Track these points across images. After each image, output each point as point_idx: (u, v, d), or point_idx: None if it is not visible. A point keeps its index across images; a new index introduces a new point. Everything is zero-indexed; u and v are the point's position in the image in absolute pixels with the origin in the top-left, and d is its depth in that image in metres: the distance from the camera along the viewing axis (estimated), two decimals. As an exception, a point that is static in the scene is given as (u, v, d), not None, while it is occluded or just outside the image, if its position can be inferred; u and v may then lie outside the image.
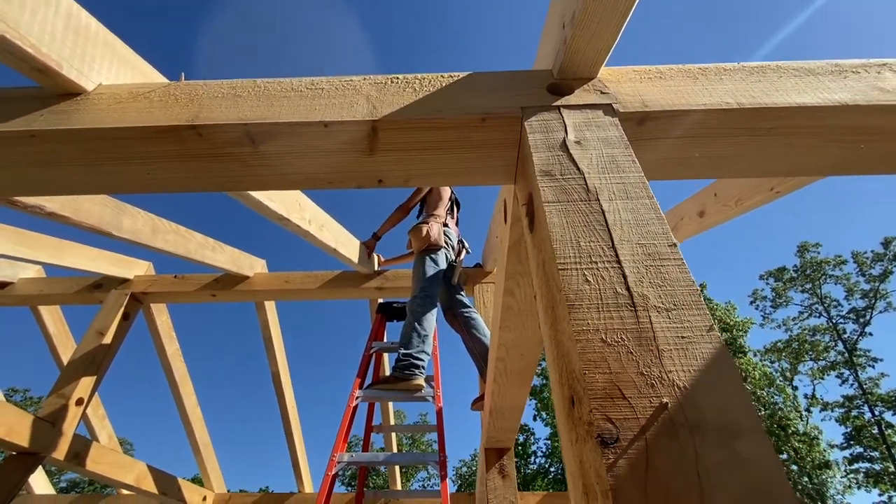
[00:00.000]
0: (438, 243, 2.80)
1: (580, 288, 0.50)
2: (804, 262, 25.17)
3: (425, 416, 28.10)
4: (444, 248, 2.84)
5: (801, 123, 0.76)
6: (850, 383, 22.69)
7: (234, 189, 0.89)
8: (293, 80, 0.85)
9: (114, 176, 0.85)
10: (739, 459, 0.38)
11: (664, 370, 0.44)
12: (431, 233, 2.80)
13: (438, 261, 2.76)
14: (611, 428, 0.41)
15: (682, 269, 0.52)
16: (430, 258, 2.74)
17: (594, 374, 0.44)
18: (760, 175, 0.84)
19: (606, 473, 0.38)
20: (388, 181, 0.87)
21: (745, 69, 0.82)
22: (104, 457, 2.89)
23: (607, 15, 0.68)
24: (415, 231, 2.87)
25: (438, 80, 0.83)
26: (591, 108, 0.75)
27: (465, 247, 3.07)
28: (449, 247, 2.92)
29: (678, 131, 0.77)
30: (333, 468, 1.82)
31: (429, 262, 2.72)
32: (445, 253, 2.86)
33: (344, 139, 0.78)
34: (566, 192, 0.61)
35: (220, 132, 0.77)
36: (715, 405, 0.41)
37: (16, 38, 0.69)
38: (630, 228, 0.56)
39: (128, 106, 0.81)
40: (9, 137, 0.77)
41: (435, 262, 2.74)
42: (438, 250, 2.80)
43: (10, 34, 0.69)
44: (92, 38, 0.84)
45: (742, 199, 1.63)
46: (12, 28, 0.69)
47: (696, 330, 0.47)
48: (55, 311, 3.55)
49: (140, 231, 2.10)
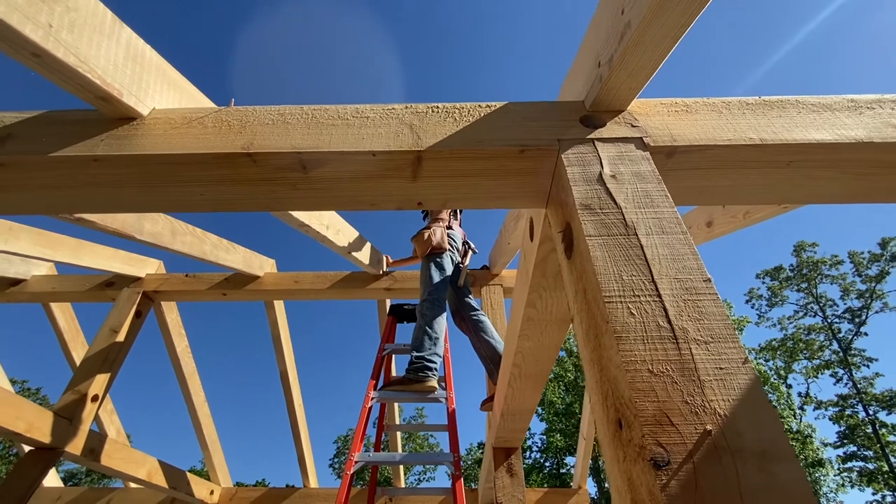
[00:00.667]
0: (442, 247, 2.84)
1: (626, 321, 0.56)
2: (801, 262, 25.35)
3: (422, 412, 28.29)
4: (448, 251, 2.89)
5: (820, 158, 0.81)
6: (845, 382, 22.94)
7: (278, 210, 0.94)
8: (338, 107, 0.90)
9: (167, 197, 0.89)
10: (777, 483, 0.43)
11: (706, 399, 0.49)
12: (434, 237, 2.84)
13: (444, 264, 2.80)
14: (662, 452, 0.46)
15: (717, 304, 0.57)
16: (436, 262, 2.79)
17: (644, 402, 0.49)
18: (778, 202, 0.89)
19: (661, 493, 0.43)
20: (427, 204, 0.92)
21: (766, 104, 0.87)
22: (118, 452, 2.94)
23: (644, 61, 0.73)
24: (417, 237, 2.92)
25: (476, 109, 0.88)
26: (623, 141, 0.80)
27: (471, 247, 3.11)
28: (454, 249, 2.97)
29: (703, 163, 0.82)
30: (352, 467, 1.88)
31: (434, 266, 2.77)
32: (451, 255, 2.91)
33: (389, 167, 0.83)
34: (606, 226, 0.66)
35: (274, 159, 0.82)
36: (753, 432, 0.47)
37: (86, 70, 0.74)
38: (668, 263, 0.61)
39: (184, 132, 0.85)
40: (74, 161, 0.82)
41: (440, 265, 2.79)
42: (443, 254, 2.85)
43: (82, 68, 0.73)
44: (146, 65, 0.88)
45: (751, 212, 1.69)
46: (83, 62, 0.74)
47: (732, 362, 0.52)
48: (66, 308, 3.59)
49: (160, 234, 2.14)
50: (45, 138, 0.85)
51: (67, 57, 0.72)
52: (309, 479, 4.29)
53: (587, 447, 4.18)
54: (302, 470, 4.27)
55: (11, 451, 23.81)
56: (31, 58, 0.71)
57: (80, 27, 0.74)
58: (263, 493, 4.21)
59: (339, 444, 32.78)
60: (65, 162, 0.83)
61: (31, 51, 0.69)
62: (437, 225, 2.97)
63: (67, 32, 0.71)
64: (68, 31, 0.72)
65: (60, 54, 0.71)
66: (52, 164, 0.83)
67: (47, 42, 0.68)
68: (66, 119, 0.88)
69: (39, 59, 0.71)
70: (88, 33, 0.76)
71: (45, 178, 0.86)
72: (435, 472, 30.44)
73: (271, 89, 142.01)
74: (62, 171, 0.84)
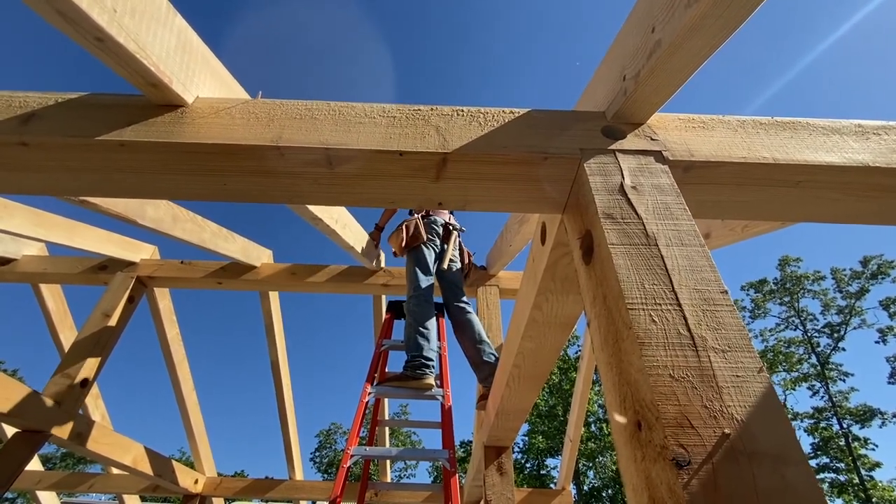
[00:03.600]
0: (417, 240, 2.80)
1: (648, 327, 0.58)
2: (785, 276, 25.85)
3: (406, 408, 28.30)
4: (426, 242, 2.83)
5: (828, 179, 0.85)
6: (821, 395, 23.46)
7: (300, 203, 0.95)
8: (364, 105, 0.91)
9: (192, 185, 0.90)
10: (789, 485, 0.46)
11: (724, 404, 0.52)
12: (408, 232, 2.80)
13: (425, 256, 2.77)
14: (683, 452, 0.49)
15: (734, 315, 0.60)
16: (415, 256, 2.77)
17: (665, 405, 0.52)
18: (785, 220, 0.93)
19: (682, 491, 0.46)
20: (447, 204, 0.94)
21: (778, 124, 0.91)
22: (105, 437, 2.92)
23: (671, 77, 0.75)
24: (391, 238, 2.87)
25: (501, 115, 0.90)
26: (643, 153, 0.83)
27: (457, 227, 3.03)
28: (434, 234, 2.91)
29: (718, 179, 0.85)
30: (348, 461, 1.89)
31: (416, 260, 2.74)
32: (432, 245, 2.86)
33: (415, 167, 0.85)
34: (628, 235, 0.69)
35: (302, 154, 0.83)
36: (768, 436, 0.50)
37: (143, 57, 0.75)
38: (687, 274, 0.64)
39: (211, 122, 0.86)
40: (100, 145, 0.82)
41: (420, 258, 2.75)
42: (419, 246, 2.80)
43: (140, 54, 0.74)
44: (194, 53, 0.89)
45: (749, 226, 1.74)
46: (141, 48, 0.74)
47: (748, 370, 0.55)
48: (56, 289, 3.54)
49: (162, 220, 2.13)
50: (71, 120, 0.85)
51: (128, 43, 0.72)
52: (295, 471, 4.29)
53: (573, 449, 4.23)
54: (288, 462, 4.27)
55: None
56: (94, 42, 0.71)
57: (140, 13, 0.75)
58: (249, 483, 4.20)
59: (321, 439, 32.66)
60: (91, 145, 0.83)
61: (95, 35, 0.70)
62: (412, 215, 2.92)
63: (129, 18, 0.72)
64: (130, 17, 0.72)
65: (122, 39, 0.71)
66: (78, 147, 0.83)
67: (112, 27, 0.69)
68: (93, 102, 0.89)
69: (102, 43, 0.71)
70: (147, 20, 0.77)
71: (70, 160, 0.86)
72: (416, 469, 30.50)
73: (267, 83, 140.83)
74: (88, 154, 0.84)
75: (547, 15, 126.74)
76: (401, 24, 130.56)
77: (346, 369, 64.10)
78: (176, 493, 3.98)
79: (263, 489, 4.25)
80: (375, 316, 3.62)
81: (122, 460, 3.08)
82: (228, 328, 67.30)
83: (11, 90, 0.91)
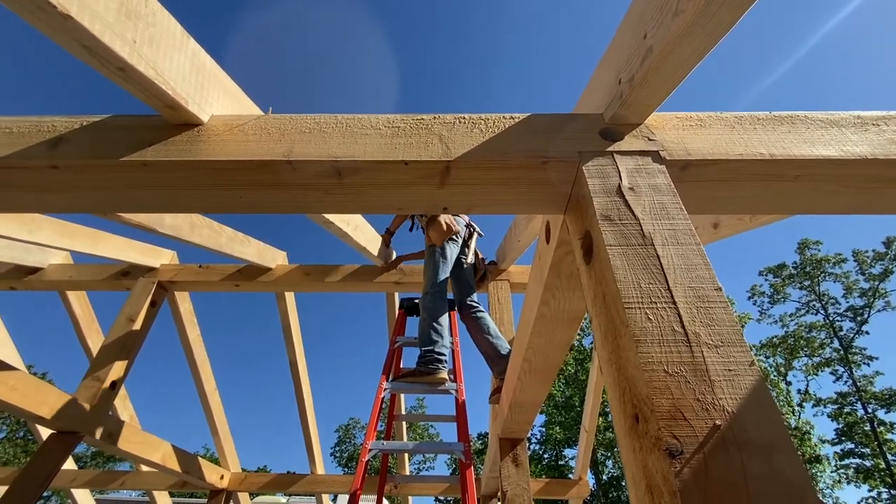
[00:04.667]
0: (458, 232, 2.88)
1: (644, 325, 0.61)
2: (804, 259, 25.32)
3: (422, 402, 28.56)
4: (455, 239, 2.92)
5: (826, 172, 0.86)
6: (845, 380, 23.02)
7: (310, 212, 1.00)
8: (370, 116, 0.95)
9: (210, 199, 0.95)
10: (777, 472, 0.50)
11: (716, 397, 0.55)
12: (453, 225, 2.88)
13: (447, 254, 2.83)
14: (676, 443, 0.52)
15: (727, 311, 0.63)
16: (440, 252, 2.82)
17: (660, 399, 0.55)
18: (784, 213, 0.94)
19: (675, 478, 0.50)
20: (451, 209, 0.97)
21: (776, 119, 0.92)
22: (134, 436, 3.04)
23: (664, 82, 0.78)
24: (435, 226, 2.88)
25: (501, 121, 0.93)
26: (640, 154, 0.85)
27: (476, 230, 3.14)
28: (459, 236, 2.99)
29: (715, 176, 0.87)
30: (367, 455, 1.96)
31: (438, 256, 2.80)
32: (453, 245, 2.92)
33: (420, 175, 0.89)
34: (625, 236, 0.72)
35: (312, 167, 0.87)
36: (757, 427, 0.53)
37: (160, 81, 0.80)
38: (682, 272, 0.67)
39: (226, 139, 0.91)
40: (126, 165, 0.88)
41: (444, 255, 2.81)
42: (449, 242, 2.87)
43: (158, 80, 0.79)
44: (207, 74, 0.94)
45: (757, 215, 1.74)
46: (159, 74, 0.79)
47: (740, 364, 0.58)
48: (82, 296, 3.67)
49: (180, 227, 2.20)
50: (96, 143, 0.90)
51: (148, 71, 0.77)
52: (316, 465, 4.40)
53: (588, 439, 4.26)
54: (309, 457, 4.37)
55: (18, 434, 24.16)
56: (116, 72, 0.77)
57: (158, 41, 0.80)
58: (272, 478, 4.32)
59: (340, 434, 33.17)
60: (116, 166, 0.88)
61: (117, 65, 0.75)
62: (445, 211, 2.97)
63: (148, 47, 0.77)
64: (148, 46, 0.77)
65: (142, 68, 0.76)
66: (104, 168, 0.89)
67: (132, 57, 0.74)
68: (115, 124, 0.94)
69: (124, 72, 0.77)
70: (164, 47, 0.82)
71: (96, 181, 0.91)
72: (434, 462, 30.82)
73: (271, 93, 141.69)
74: (113, 174, 0.90)
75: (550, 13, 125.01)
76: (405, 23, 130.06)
77: (362, 366, 64.88)
78: (203, 488, 4.12)
79: (286, 483, 4.36)
80: (389, 313, 3.68)
81: (152, 458, 3.20)
82: (249, 329, 68.59)
83: (39, 115, 0.96)
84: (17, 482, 2.28)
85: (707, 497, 0.48)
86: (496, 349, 2.46)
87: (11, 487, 2.24)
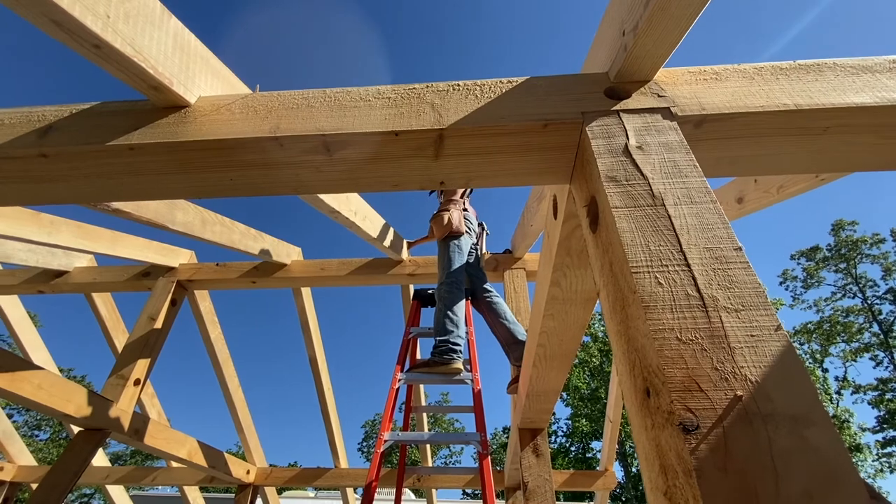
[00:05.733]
0: (460, 230, 2.85)
1: (653, 290, 0.55)
2: (839, 241, 24.27)
3: (447, 396, 28.68)
4: (465, 233, 2.90)
5: (859, 122, 0.77)
6: (885, 365, 22.03)
7: (305, 192, 0.96)
8: (360, 89, 0.91)
9: (202, 183, 0.93)
10: (809, 446, 0.43)
11: (736, 366, 0.49)
12: (453, 220, 2.85)
13: (462, 246, 2.81)
14: (691, 417, 0.46)
15: (749, 272, 0.56)
16: (454, 244, 2.80)
17: (672, 369, 0.49)
18: (816, 172, 0.86)
19: (690, 456, 0.44)
20: (449, 183, 0.92)
21: (801, 67, 0.84)
22: (160, 433, 3.10)
23: (671, 25, 0.71)
24: (436, 219, 2.91)
25: (498, 85, 0.87)
26: (649, 112, 0.78)
27: (485, 228, 3.15)
28: (471, 231, 2.98)
29: (734, 132, 0.80)
30: (382, 446, 1.94)
31: (453, 249, 2.78)
32: (468, 238, 2.92)
33: (412, 146, 0.84)
34: (632, 197, 0.66)
35: (299, 142, 0.84)
36: (785, 397, 0.46)
37: (141, 60, 0.77)
38: (696, 233, 0.60)
39: (212, 119, 0.88)
40: (111, 150, 0.85)
41: (459, 247, 2.80)
42: (461, 236, 2.85)
43: (137, 58, 0.77)
44: (192, 54, 0.91)
45: (785, 186, 1.63)
46: (138, 52, 0.77)
47: (764, 329, 0.51)
48: (107, 297, 3.77)
49: (191, 223, 2.22)
50: (84, 130, 0.89)
51: (125, 48, 0.75)
52: (340, 460, 4.43)
53: (613, 430, 4.17)
54: (332, 451, 4.41)
55: (61, 435, 25.32)
56: (92, 49, 0.74)
57: (135, 17, 0.78)
58: (297, 472, 4.37)
59: (367, 429, 33.60)
60: (103, 151, 0.86)
61: (92, 42, 0.73)
62: (454, 206, 2.97)
63: (123, 23, 0.75)
64: (124, 22, 0.75)
65: (118, 45, 0.74)
66: (92, 154, 0.87)
67: (106, 33, 0.71)
68: (104, 110, 0.92)
69: (99, 50, 0.74)
70: (142, 24, 0.79)
71: (86, 167, 0.90)
72: (461, 457, 30.94)
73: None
74: (101, 160, 0.88)
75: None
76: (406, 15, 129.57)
77: (387, 360, 65.49)
78: (230, 483, 4.20)
79: (311, 477, 4.41)
80: (405, 305, 3.65)
81: (178, 454, 3.27)
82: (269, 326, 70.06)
83: (31, 105, 0.95)
84: (48, 477, 2.35)
85: (727, 477, 0.42)
86: (513, 334, 2.42)
87: (43, 482, 2.31)
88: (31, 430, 25.15)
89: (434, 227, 2.91)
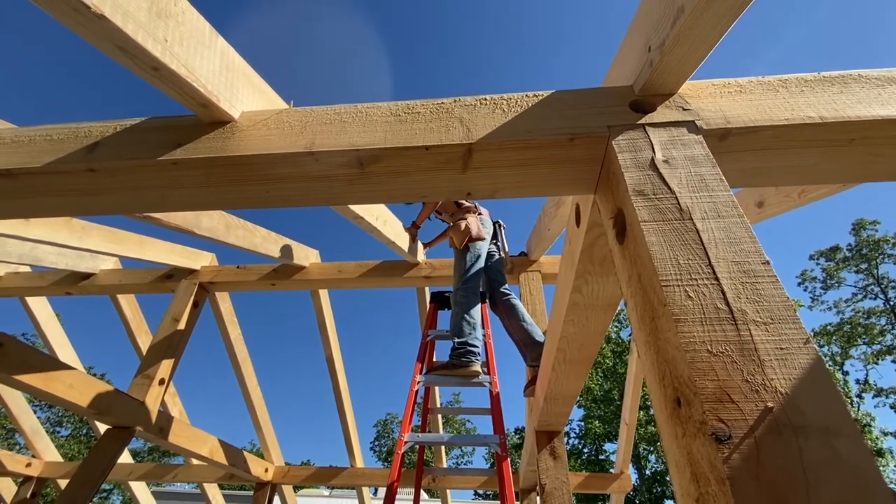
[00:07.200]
0: (481, 235, 2.88)
1: (684, 303, 0.57)
2: (860, 241, 23.70)
3: (458, 396, 28.67)
4: (483, 239, 2.92)
5: (884, 134, 0.78)
6: (909, 369, 21.44)
7: (336, 204, 1.00)
8: (389, 104, 0.94)
9: (237, 195, 0.97)
10: (840, 458, 0.45)
11: (766, 378, 0.51)
12: (471, 228, 2.88)
13: (479, 253, 2.84)
14: (723, 427, 0.48)
15: (777, 286, 0.58)
16: (472, 251, 2.83)
17: (704, 380, 0.51)
18: (840, 182, 0.87)
19: (723, 465, 0.46)
20: (476, 194, 0.95)
21: (825, 80, 0.85)
22: (183, 431, 3.18)
23: (698, 43, 0.72)
24: (454, 228, 2.95)
25: (524, 99, 0.90)
26: (674, 125, 0.80)
27: (501, 224, 3.20)
28: (488, 234, 3.01)
29: (758, 145, 0.81)
30: (402, 447, 1.97)
31: (469, 255, 2.81)
32: (483, 241, 2.94)
33: (441, 160, 0.87)
34: (660, 211, 0.68)
35: (334, 157, 0.87)
36: (815, 409, 0.48)
37: (193, 80, 0.82)
38: (724, 247, 0.62)
39: (250, 134, 0.92)
40: (157, 165, 0.90)
41: (476, 254, 2.83)
42: (478, 241, 2.88)
43: (190, 78, 0.81)
44: (236, 71, 0.96)
45: (806, 190, 1.62)
46: (191, 72, 0.81)
47: (793, 342, 0.53)
48: (131, 299, 3.87)
49: (216, 228, 2.28)
50: (129, 145, 0.93)
51: (180, 69, 0.80)
52: (356, 459, 4.48)
53: (629, 432, 4.15)
54: (349, 451, 4.46)
55: (81, 432, 25.92)
56: (150, 71, 0.79)
57: (188, 40, 0.82)
58: (314, 471, 4.44)
59: (379, 429, 33.77)
60: (149, 166, 0.91)
61: (151, 65, 0.77)
62: (470, 213, 3.00)
63: (179, 46, 0.79)
64: (179, 45, 0.79)
65: (175, 66, 0.79)
66: (137, 168, 0.92)
67: (165, 56, 0.76)
68: (147, 126, 0.97)
69: (157, 71, 0.79)
70: (194, 45, 0.84)
71: (131, 181, 0.94)
72: (472, 457, 30.92)
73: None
74: (146, 174, 0.93)
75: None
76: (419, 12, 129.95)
77: (399, 361, 65.79)
78: (249, 481, 4.28)
79: (327, 476, 4.47)
80: (420, 307, 3.69)
81: (200, 451, 3.35)
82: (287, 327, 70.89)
83: (77, 122, 1.01)
84: (78, 473, 2.43)
85: (760, 485, 0.44)
86: (530, 335, 2.44)
87: (73, 479, 2.39)
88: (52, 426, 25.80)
89: (454, 235, 2.94)
